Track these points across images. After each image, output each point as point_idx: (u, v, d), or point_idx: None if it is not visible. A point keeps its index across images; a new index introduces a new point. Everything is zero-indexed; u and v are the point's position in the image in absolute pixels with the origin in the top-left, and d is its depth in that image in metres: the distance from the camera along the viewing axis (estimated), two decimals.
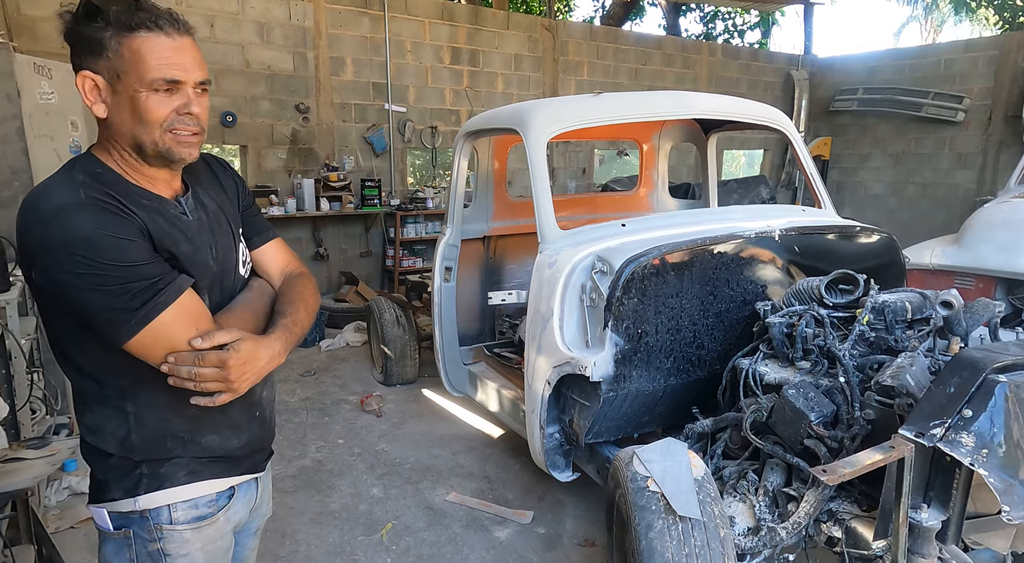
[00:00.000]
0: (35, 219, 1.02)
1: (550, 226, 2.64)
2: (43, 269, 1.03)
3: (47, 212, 1.02)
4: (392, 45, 6.83)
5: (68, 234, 1.00)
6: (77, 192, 1.05)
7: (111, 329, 1.05)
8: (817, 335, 2.09)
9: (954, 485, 1.54)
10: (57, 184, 1.06)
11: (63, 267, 1.01)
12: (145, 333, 1.05)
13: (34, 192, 1.07)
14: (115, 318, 1.04)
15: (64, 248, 1.00)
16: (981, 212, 4.65)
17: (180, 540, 1.20)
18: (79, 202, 1.03)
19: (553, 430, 2.62)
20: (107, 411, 1.15)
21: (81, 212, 1.02)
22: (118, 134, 1.11)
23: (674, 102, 3.17)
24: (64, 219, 1.01)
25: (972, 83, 9.06)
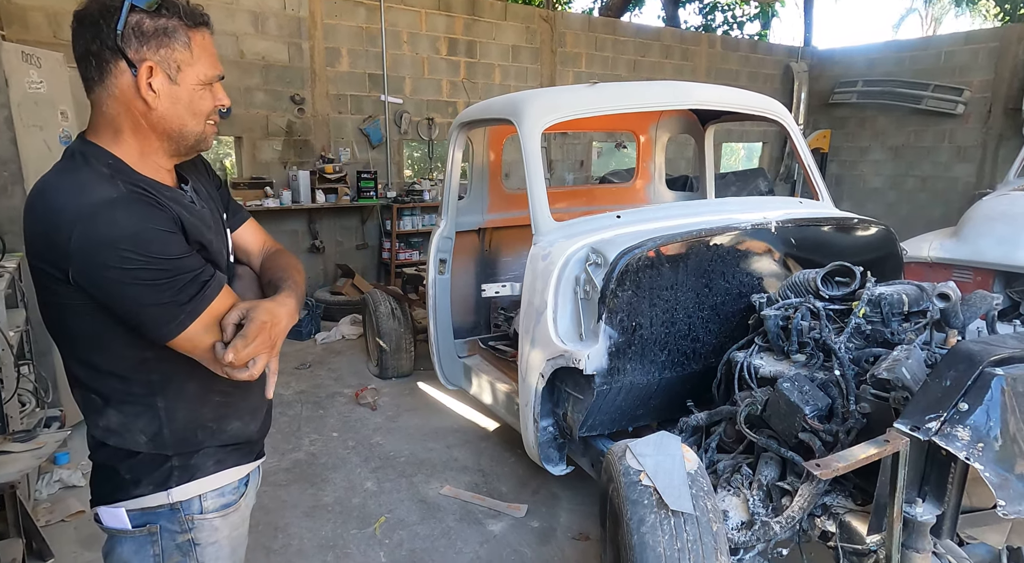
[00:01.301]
0: (74, 216, 0.99)
1: (544, 218, 2.61)
2: (84, 267, 1.00)
3: (88, 208, 0.99)
4: (388, 36, 6.77)
5: (115, 230, 0.99)
6: (115, 186, 1.03)
7: (161, 324, 1.04)
8: (813, 328, 2.06)
9: (949, 479, 1.52)
10: (88, 178, 1.03)
11: (109, 264, 0.99)
12: (194, 327, 1.05)
13: (61, 187, 1.03)
14: (164, 313, 1.03)
15: (112, 244, 0.98)
16: (980, 205, 4.62)
17: (210, 528, 1.22)
18: (122, 196, 1.02)
19: (547, 423, 2.60)
20: (135, 409, 1.13)
21: (126, 207, 1.01)
22: (157, 121, 1.10)
23: (671, 92, 3.13)
24: (109, 215, 0.99)
25: (972, 76, 9.01)
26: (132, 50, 1.05)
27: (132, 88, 1.07)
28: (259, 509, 2.95)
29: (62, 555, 2.61)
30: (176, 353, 1.09)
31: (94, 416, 1.15)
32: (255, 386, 1.20)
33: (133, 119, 1.09)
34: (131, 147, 1.10)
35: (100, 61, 1.06)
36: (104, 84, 1.07)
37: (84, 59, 1.07)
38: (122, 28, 1.04)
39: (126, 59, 1.05)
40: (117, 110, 1.09)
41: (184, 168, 1.25)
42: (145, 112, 1.09)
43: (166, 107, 1.10)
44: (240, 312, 1.08)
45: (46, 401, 3.22)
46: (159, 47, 1.07)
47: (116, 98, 1.08)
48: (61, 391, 3.47)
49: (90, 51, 1.06)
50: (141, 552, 1.19)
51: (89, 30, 1.05)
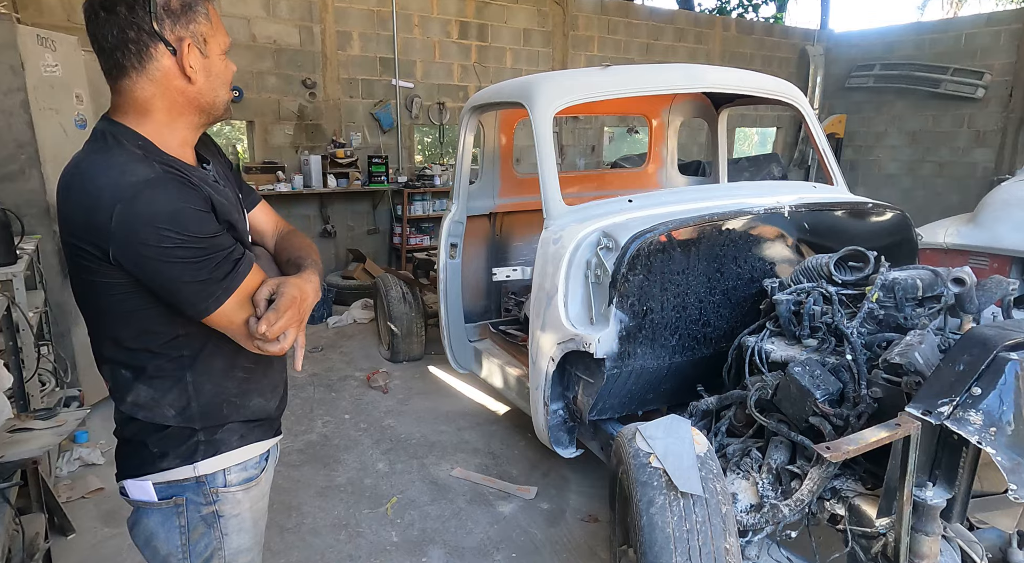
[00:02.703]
0: (115, 196, 1.00)
1: (556, 202, 2.61)
2: (125, 245, 1.02)
3: (128, 188, 1.01)
4: (399, 19, 6.73)
5: (154, 209, 1.01)
6: (151, 166, 1.06)
7: (199, 300, 1.06)
8: (825, 312, 2.05)
9: (961, 463, 1.52)
10: (125, 159, 1.05)
11: (149, 242, 1.01)
12: (229, 303, 1.08)
13: (98, 167, 1.04)
14: (203, 289, 1.06)
15: (151, 223, 1.01)
16: (998, 191, 4.56)
17: (233, 501, 1.26)
18: (158, 176, 1.04)
19: (557, 407, 2.61)
20: (164, 384, 1.16)
21: (164, 186, 1.04)
22: (196, 98, 1.14)
23: (683, 75, 3.10)
24: (148, 194, 1.01)
25: (993, 58, 8.82)
26: (168, 31, 1.07)
27: (174, 68, 1.10)
28: (274, 488, 2.99)
29: (83, 530, 2.68)
30: (205, 330, 1.13)
31: (123, 391, 1.18)
32: (276, 364, 1.29)
33: (170, 98, 1.11)
34: (159, 126, 1.12)
35: (139, 47, 1.06)
36: (144, 69, 1.08)
37: (120, 48, 1.06)
38: (155, 10, 1.05)
39: (164, 41, 1.07)
40: (152, 92, 1.10)
41: (201, 150, 1.26)
42: (184, 89, 1.12)
43: (202, 81, 1.13)
44: (271, 288, 1.10)
45: (65, 381, 3.28)
46: (188, 23, 1.09)
47: (155, 81, 1.09)
48: (81, 371, 3.54)
49: (127, 39, 1.05)
50: (167, 523, 1.23)
51: (121, 18, 1.04)
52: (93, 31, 1.08)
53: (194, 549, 1.25)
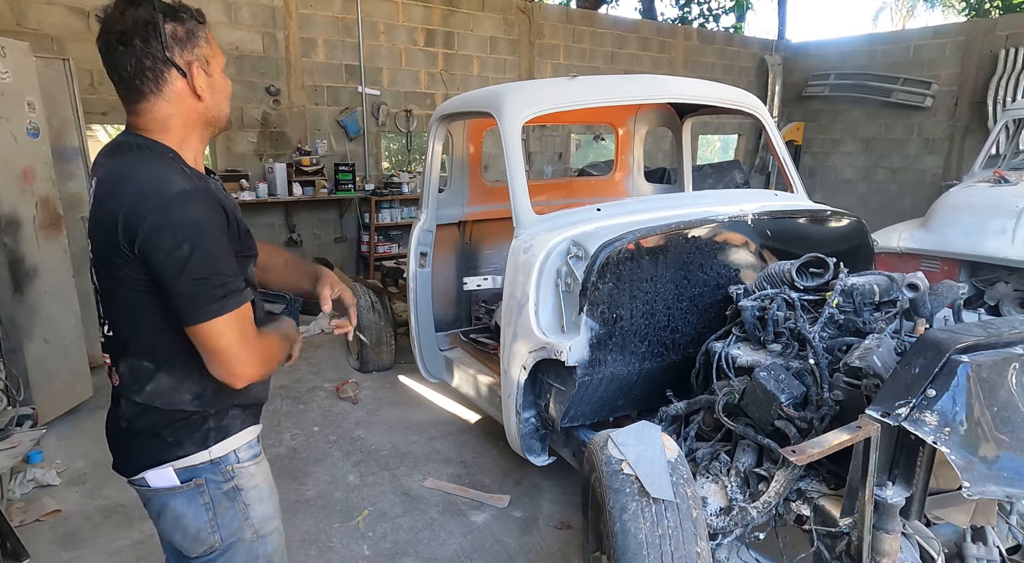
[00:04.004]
0: (156, 201, 1.13)
1: (525, 211, 2.63)
2: (147, 241, 1.14)
3: (167, 195, 1.14)
4: (365, 26, 6.69)
5: (184, 218, 1.14)
6: (188, 179, 1.19)
7: (184, 311, 1.18)
8: (788, 318, 2.11)
9: (918, 463, 1.57)
10: (165, 170, 1.19)
11: (165, 247, 1.13)
12: (209, 326, 1.18)
13: (143, 176, 1.17)
14: (191, 305, 1.17)
15: (176, 229, 1.13)
16: (947, 196, 4.75)
17: (248, 475, 1.40)
18: (194, 189, 1.18)
19: (529, 415, 2.62)
20: (182, 372, 1.27)
21: (197, 199, 1.17)
22: (204, 113, 1.28)
23: (649, 86, 3.16)
24: (181, 203, 1.15)
25: (940, 69, 9.21)
26: (178, 57, 1.22)
27: (186, 88, 1.24)
28: None
29: (38, 555, 2.57)
30: None
31: (143, 382, 1.28)
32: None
33: (184, 115, 1.26)
34: (178, 141, 1.26)
35: (155, 73, 1.20)
36: (161, 92, 1.22)
37: (138, 76, 1.20)
38: (165, 40, 1.19)
39: (176, 66, 1.22)
40: (169, 111, 1.24)
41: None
42: (195, 106, 1.26)
43: (209, 97, 1.27)
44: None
45: (18, 399, 3.16)
46: (193, 47, 1.24)
47: (171, 101, 1.23)
48: (34, 387, 3.41)
49: (144, 68, 1.19)
50: (193, 503, 1.33)
51: (137, 50, 1.18)
52: (112, 63, 1.20)
53: (222, 522, 1.36)
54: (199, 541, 1.35)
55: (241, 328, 1.21)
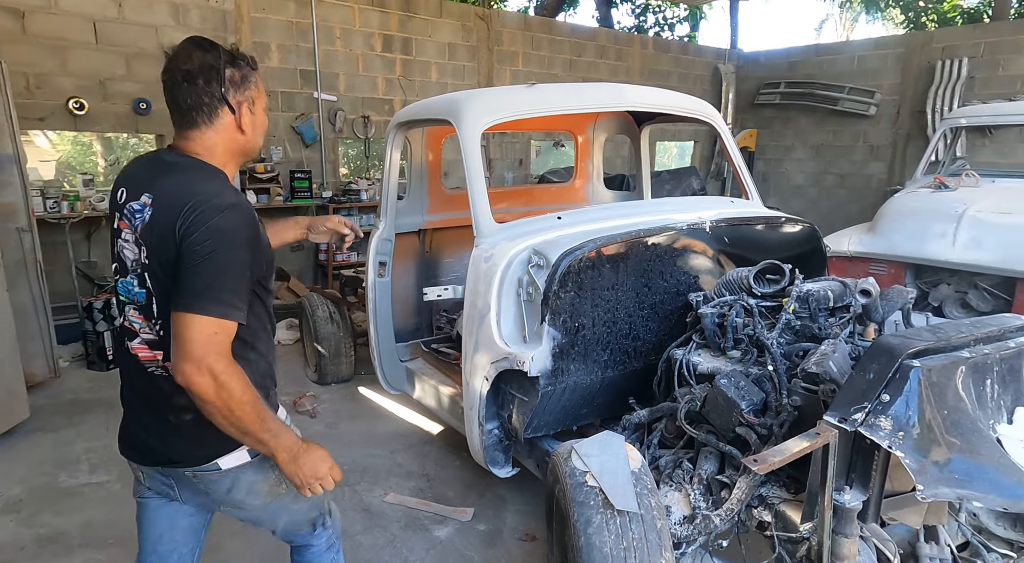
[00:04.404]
0: (212, 203, 1.33)
1: (486, 220, 2.60)
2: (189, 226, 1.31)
3: (222, 204, 1.34)
4: (320, 31, 6.57)
5: (222, 224, 1.32)
6: (237, 193, 1.42)
7: (180, 296, 1.31)
8: (747, 325, 2.14)
9: (873, 466, 1.60)
10: (222, 185, 1.41)
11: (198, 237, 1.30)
12: (194, 321, 1.29)
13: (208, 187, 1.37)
14: (188, 295, 1.30)
15: (213, 228, 1.31)
16: (892, 202, 4.93)
17: None
18: (241, 202, 1.39)
19: (492, 426, 2.59)
20: (240, 363, 1.37)
21: (240, 213, 1.37)
22: (244, 145, 1.51)
23: (608, 94, 3.18)
24: (229, 213, 1.34)
25: (882, 79, 9.60)
26: (231, 97, 1.44)
27: (233, 124, 1.47)
28: None
29: None
30: (253, 314, 1.44)
31: None
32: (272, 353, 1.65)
33: (226, 145, 1.48)
34: (220, 165, 1.47)
35: (211, 109, 1.43)
36: (212, 125, 1.44)
37: (196, 109, 1.42)
38: (224, 83, 1.42)
39: (228, 105, 1.44)
40: (216, 141, 1.46)
41: None
42: (238, 138, 1.49)
43: (250, 133, 1.51)
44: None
45: None
46: (244, 90, 1.47)
47: (219, 132, 1.46)
48: None
49: (202, 103, 1.41)
50: (261, 468, 1.54)
51: (200, 87, 1.40)
52: (173, 94, 1.42)
53: (284, 477, 1.51)
54: (272, 495, 1.59)
55: (208, 335, 1.29)
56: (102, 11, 5.35)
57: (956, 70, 8.69)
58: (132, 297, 1.44)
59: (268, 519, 1.68)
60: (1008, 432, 1.63)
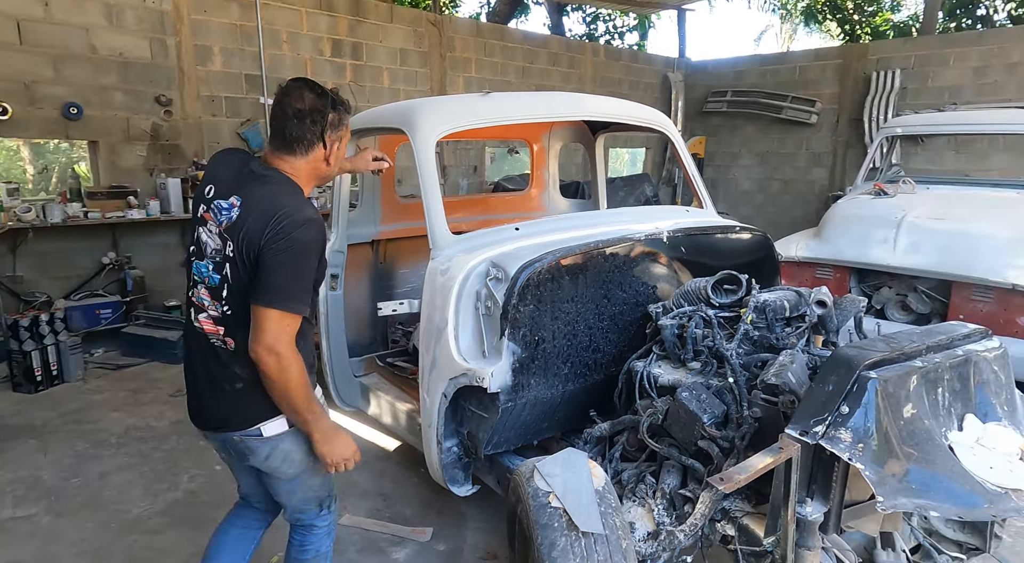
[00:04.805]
0: (295, 217, 1.61)
1: (442, 231, 2.53)
2: (272, 236, 1.59)
3: (304, 218, 1.62)
4: (266, 34, 6.37)
5: (301, 236, 1.61)
6: (314, 209, 1.68)
7: (262, 292, 1.60)
8: (706, 336, 2.14)
9: (834, 478, 1.61)
10: (303, 201, 1.69)
11: (279, 245, 1.59)
12: (271, 313, 1.58)
13: (294, 201, 1.66)
14: (267, 290, 1.59)
15: (292, 238, 1.59)
16: (836, 208, 5.10)
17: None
18: (317, 219, 1.66)
19: (451, 444, 2.52)
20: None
21: (316, 227, 1.65)
22: (327, 172, 1.81)
23: (563, 104, 3.16)
24: (307, 226, 1.62)
25: (822, 88, 9.98)
26: (328, 135, 1.73)
27: (321, 156, 1.75)
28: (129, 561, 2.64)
29: None
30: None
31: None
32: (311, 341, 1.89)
33: (310, 171, 1.77)
34: (302, 183, 1.75)
35: (309, 144, 1.71)
36: (306, 155, 1.72)
37: (298, 141, 1.69)
38: (326, 126, 1.71)
39: (323, 143, 1.73)
40: (303, 167, 1.74)
41: None
42: (321, 168, 1.78)
43: (333, 164, 1.80)
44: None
45: None
46: (337, 130, 1.75)
47: (309, 162, 1.74)
48: None
49: (304, 138, 1.69)
50: (297, 439, 1.78)
51: (307, 125, 1.68)
52: (282, 125, 1.68)
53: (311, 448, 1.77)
54: (301, 465, 1.81)
55: (282, 326, 1.59)
56: (26, 10, 5.03)
57: (890, 81, 9.12)
58: (204, 278, 1.69)
59: (290, 490, 1.89)
60: (959, 439, 1.67)
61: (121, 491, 3.22)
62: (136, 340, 5.22)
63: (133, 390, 4.57)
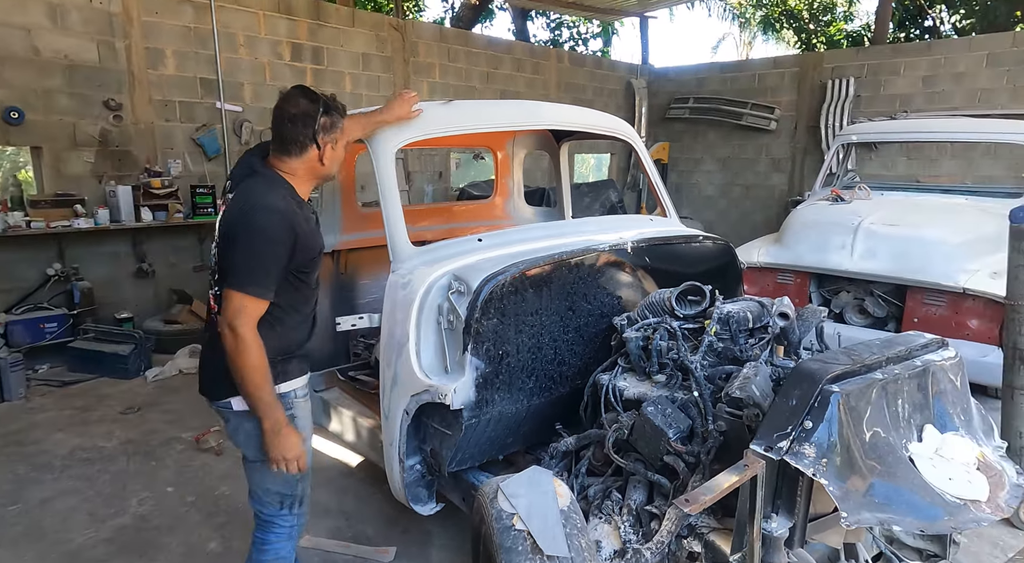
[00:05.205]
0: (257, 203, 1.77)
1: (402, 243, 2.46)
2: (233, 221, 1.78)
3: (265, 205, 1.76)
4: (221, 37, 6.19)
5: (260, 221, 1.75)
6: (286, 201, 1.82)
7: (229, 275, 1.76)
8: (671, 348, 2.12)
9: (799, 493, 1.60)
10: (275, 193, 1.82)
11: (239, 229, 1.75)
12: (236, 296, 1.73)
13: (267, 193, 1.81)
14: (233, 272, 1.75)
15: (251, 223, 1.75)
16: (795, 214, 5.19)
17: (300, 408, 2.00)
18: (283, 208, 1.78)
19: (414, 462, 2.45)
20: (263, 328, 1.79)
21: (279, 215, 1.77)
22: (323, 172, 1.95)
23: (526, 112, 3.13)
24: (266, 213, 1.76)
25: (781, 96, 10.20)
26: (320, 137, 1.87)
27: (316, 157, 1.89)
28: None
29: None
30: (286, 298, 1.87)
31: None
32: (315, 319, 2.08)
33: (307, 170, 1.91)
34: (299, 182, 1.91)
35: (302, 145, 1.86)
36: (300, 156, 1.88)
37: (292, 142, 1.85)
38: (317, 128, 1.85)
39: (316, 144, 1.87)
40: (298, 166, 1.89)
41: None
42: (316, 167, 1.92)
43: (329, 164, 1.94)
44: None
45: None
46: (331, 132, 1.89)
47: (304, 161, 1.89)
48: None
49: (298, 139, 1.85)
50: (259, 425, 1.82)
51: (299, 128, 1.84)
52: (278, 128, 1.86)
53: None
54: (262, 453, 1.86)
55: (239, 307, 1.72)
56: None
57: (844, 89, 9.37)
58: (213, 262, 1.89)
59: (252, 475, 1.99)
60: (919, 450, 1.68)
61: (64, 518, 3.05)
62: (84, 355, 4.98)
63: (80, 408, 4.35)
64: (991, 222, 4.62)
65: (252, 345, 1.72)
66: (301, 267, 1.87)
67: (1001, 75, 8.25)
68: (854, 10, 16.38)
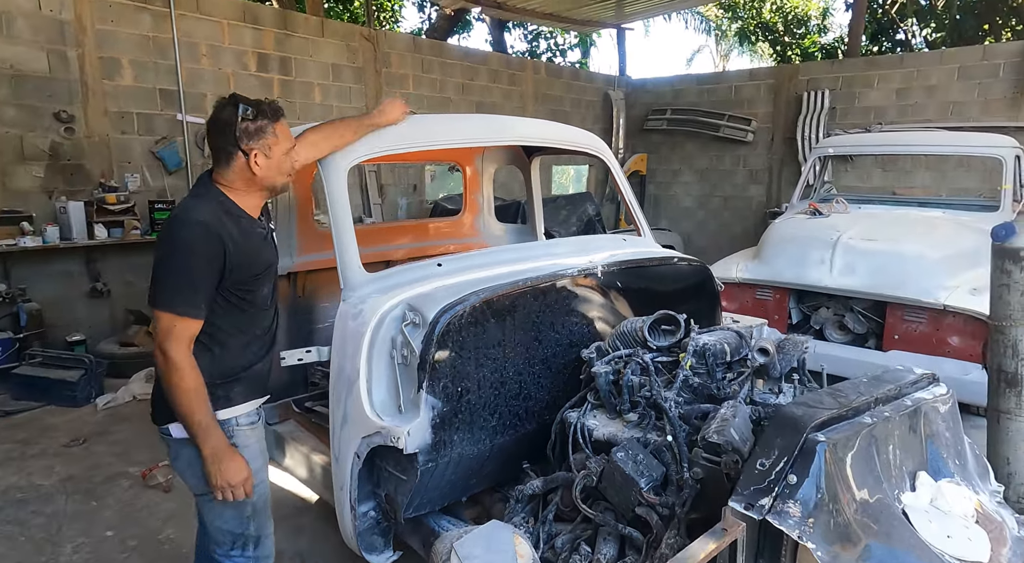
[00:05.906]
0: (180, 215, 1.75)
1: (354, 269, 2.27)
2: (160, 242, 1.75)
3: (188, 218, 1.72)
4: (182, 47, 5.96)
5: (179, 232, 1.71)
6: (214, 214, 1.75)
7: (151, 290, 1.70)
8: (644, 384, 1.96)
9: (783, 556, 1.44)
10: (204, 206, 1.76)
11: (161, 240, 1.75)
12: (158, 313, 1.66)
13: (190, 204, 1.78)
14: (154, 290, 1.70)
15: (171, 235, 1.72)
16: (773, 229, 5.09)
17: (243, 436, 1.87)
18: (207, 221, 1.71)
19: (367, 508, 2.24)
20: (199, 351, 1.73)
21: (201, 229, 1.69)
22: (260, 181, 1.84)
23: (491, 127, 2.96)
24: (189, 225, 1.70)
25: (757, 108, 10.21)
26: (244, 144, 1.78)
27: (245, 165, 1.80)
28: None
29: None
30: (226, 318, 1.80)
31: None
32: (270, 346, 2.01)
33: (243, 180, 1.83)
34: (239, 194, 1.84)
35: (228, 152, 1.80)
36: (228, 164, 1.81)
37: (218, 151, 1.81)
38: (238, 134, 1.77)
39: (241, 151, 1.78)
40: (232, 176, 1.82)
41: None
42: (251, 176, 1.82)
43: (264, 172, 1.82)
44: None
45: None
46: (259, 139, 1.79)
47: (234, 171, 1.82)
48: None
49: (222, 147, 1.80)
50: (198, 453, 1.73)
51: (219, 135, 1.79)
52: (208, 139, 1.84)
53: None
54: (205, 484, 1.76)
55: (167, 327, 1.65)
56: None
57: (820, 101, 9.39)
58: None
59: (202, 510, 1.90)
60: (913, 502, 1.53)
61: None
62: (29, 382, 4.68)
63: (21, 441, 4.06)
64: (969, 236, 4.57)
65: (183, 367, 1.64)
66: (241, 284, 1.78)
67: (972, 88, 8.32)
68: (828, 23, 16.59)
